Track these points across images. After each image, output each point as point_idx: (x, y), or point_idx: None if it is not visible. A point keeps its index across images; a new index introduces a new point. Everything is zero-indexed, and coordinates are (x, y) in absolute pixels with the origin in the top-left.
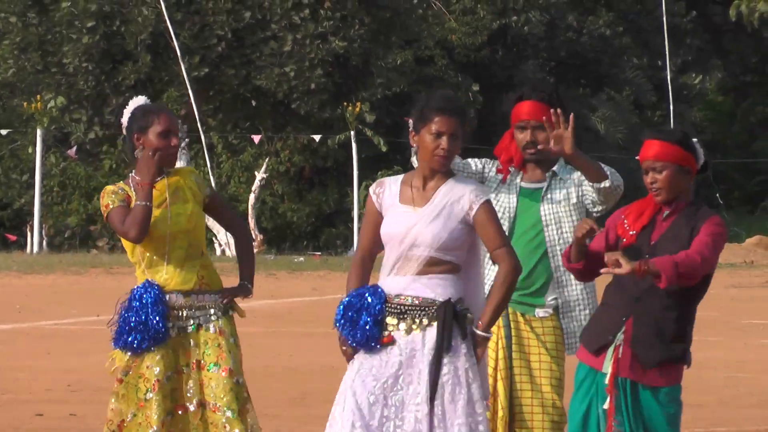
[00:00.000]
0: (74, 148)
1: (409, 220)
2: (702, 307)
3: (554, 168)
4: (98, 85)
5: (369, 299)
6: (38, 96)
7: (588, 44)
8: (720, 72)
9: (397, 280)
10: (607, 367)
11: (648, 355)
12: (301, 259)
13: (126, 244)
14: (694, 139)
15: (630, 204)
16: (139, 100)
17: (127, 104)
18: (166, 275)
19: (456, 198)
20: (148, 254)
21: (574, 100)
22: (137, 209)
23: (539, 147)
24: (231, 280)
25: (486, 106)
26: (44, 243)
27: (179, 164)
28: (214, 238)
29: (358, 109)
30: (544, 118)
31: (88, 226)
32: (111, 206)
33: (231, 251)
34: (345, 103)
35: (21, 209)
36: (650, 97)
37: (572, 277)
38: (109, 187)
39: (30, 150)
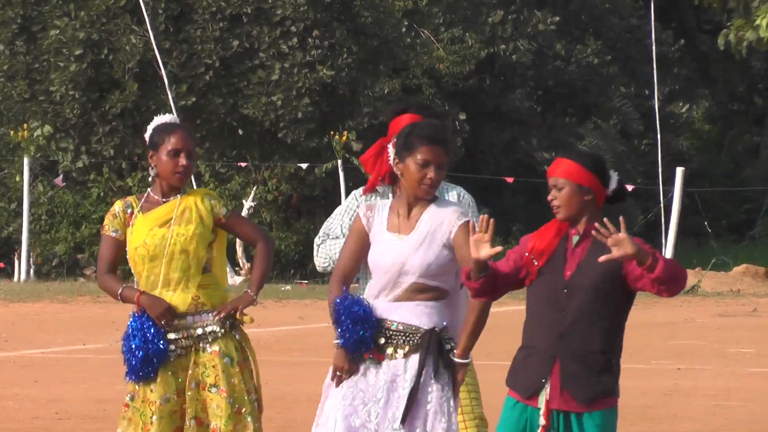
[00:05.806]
0: (61, 177)
1: (396, 249)
2: (689, 336)
3: None
4: (85, 114)
5: (365, 312)
6: (25, 124)
7: (576, 73)
8: (707, 101)
9: (383, 304)
10: (542, 402)
11: (579, 392)
12: (288, 287)
13: (131, 263)
14: (615, 173)
15: (533, 233)
16: (164, 118)
17: (113, 133)
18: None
19: (438, 223)
20: (145, 274)
21: (562, 129)
22: (116, 290)
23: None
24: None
25: (473, 134)
26: (32, 271)
27: None
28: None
29: (345, 138)
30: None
31: (75, 255)
32: (104, 232)
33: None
34: (332, 132)
35: (9, 238)
36: (637, 126)
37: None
38: (118, 204)
39: (17, 178)
